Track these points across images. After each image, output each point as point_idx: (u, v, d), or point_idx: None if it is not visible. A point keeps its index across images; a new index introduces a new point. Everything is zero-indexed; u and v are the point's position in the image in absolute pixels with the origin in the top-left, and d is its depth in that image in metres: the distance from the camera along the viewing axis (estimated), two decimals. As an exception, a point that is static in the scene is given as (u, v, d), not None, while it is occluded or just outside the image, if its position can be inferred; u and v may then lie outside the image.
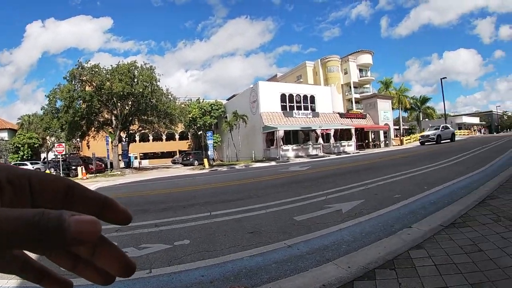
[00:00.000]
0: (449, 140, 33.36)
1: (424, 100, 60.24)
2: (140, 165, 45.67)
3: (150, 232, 5.75)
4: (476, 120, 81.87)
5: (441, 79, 51.42)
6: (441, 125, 35.46)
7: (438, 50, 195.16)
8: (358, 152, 33.80)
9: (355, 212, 6.01)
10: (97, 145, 36.73)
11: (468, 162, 12.86)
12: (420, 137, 36.19)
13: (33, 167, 36.47)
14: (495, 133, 69.72)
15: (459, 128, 67.35)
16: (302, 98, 38.38)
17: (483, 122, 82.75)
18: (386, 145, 42.49)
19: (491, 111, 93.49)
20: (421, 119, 61.66)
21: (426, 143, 32.83)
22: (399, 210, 5.93)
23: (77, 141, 47.50)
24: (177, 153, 55.32)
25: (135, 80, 29.82)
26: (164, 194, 11.43)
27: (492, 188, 6.64)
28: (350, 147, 37.65)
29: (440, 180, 8.78)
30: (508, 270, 3.04)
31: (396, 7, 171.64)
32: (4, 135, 48.51)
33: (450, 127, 36.18)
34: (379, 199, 7.02)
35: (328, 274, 3.33)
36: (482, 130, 71.35)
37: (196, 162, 37.58)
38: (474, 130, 66.81)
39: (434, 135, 32.74)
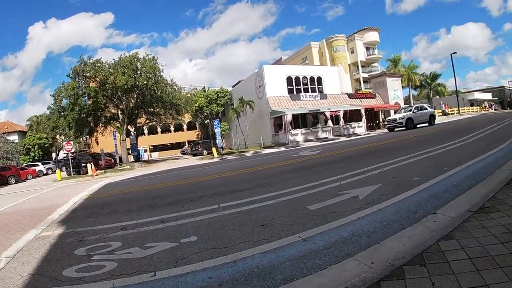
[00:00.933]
0: (426, 124, 28.23)
1: (435, 76, 58.83)
2: (150, 158, 45.73)
3: (156, 229, 5.45)
4: (488, 96, 79.56)
5: (451, 54, 50.06)
6: (415, 105, 30.88)
7: (446, 25, 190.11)
8: (369, 133, 33.21)
9: (373, 198, 5.63)
10: (106, 141, 36.81)
11: (488, 138, 12.33)
12: (386, 122, 31.97)
13: (44, 167, 36.85)
14: (508, 109, 67.80)
15: (471, 105, 65.89)
16: (309, 80, 37.67)
17: (495, 98, 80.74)
18: (397, 124, 41.72)
19: (503, 86, 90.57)
20: (431, 96, 60.41)
21: (395, 129, 27.93)
22: (420, 194, 5.53)
23: (86, 138, 47.66)
24: (186, 144, 55.18)
25: (138, 72, 29.44)
26: (172, 187, 11.16)
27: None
28: (360, 128, 36.99)
29: (460, 159, 8.33)
30: (557, 262, 2.67)
31: None
32: (14, 137, 49.14)
33: (428, 107, 30.72)
34: (397, 182, 6.62)
35: (350, 273, 2.98)
36: (494, 106, 69.29)
37: (205, 152, 37.34)
38: (485, 107, 64.62)
39: (402, 118, 27.53)
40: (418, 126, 27.35)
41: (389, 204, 5.17)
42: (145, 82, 28.97)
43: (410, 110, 28.44)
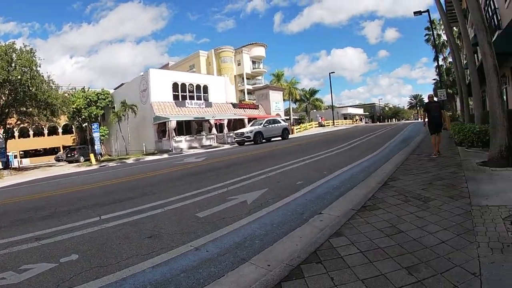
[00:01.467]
0: (279, 138, 27.59)
1: (313, 92, 64.23)
2: (21, 165, 39.98)
3: (30, 248, 4.55)
4: (360, 111, 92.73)
5: (329, 73, 56.29)
6: (266, 119, 28.96)
7: (327, 47, 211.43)
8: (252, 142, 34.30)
9: (261, 202, 5.67)
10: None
11: (363, 146, 13.66)
12: (234, 136, 29.42)
13: None
14: (378, 122, 79.90)
15: (345, 118, 74.62)
16: (195, 87, 37.48)
17: (367, 113, 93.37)
18: (277, 134, 44.14)
19: (374, 103, 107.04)
20: (309, 110, 65.58)
21: (245, 143, 26.32)
22: (305, 197, 5.76)
23: None
24: (61, 149, 49.69)
25: (13, 64, 25.50)
26: (47, 198, 9.68)
27: (391, 171, 6.91)
28: (243, 137, 38.09)
29: (337, 165, 9.04)
30: (436, 248, 2.94)
31: (290, 4, 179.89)
32: None
33: (281, 121, 29.92)
34: (282, 186, 6.81)
35: (248, 278, 2.86)
36: (364, 120, 79.53)
37: (82, 158, 34.19)
38: (356, 120, 73.37)
39: (250, 132, 26.06)
40: (272, 139, 27.10)
41: (277, 207, 5.25)
42: (19, 77, 25.16)
43: (261, 124, 27.25)
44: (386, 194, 4.99)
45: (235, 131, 30.46)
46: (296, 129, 46.44)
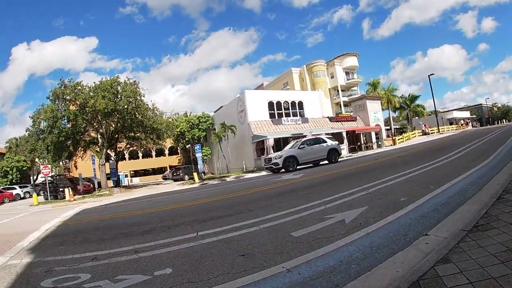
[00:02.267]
0: (326, 162, 22.58)
1: (413, 98, 60.31)
2: (131, 183, 44.77)
3: (128, 260, 5.04)
4: (466, 114, 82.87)
5: (429, 75, 51.81)
6: (304, 139, 23.88)
7: (422, 48, 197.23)
8: (351, 155, 33.29)
9: (360, 221, 5.40)
10: (85, 165, 35.92)
11: (471, 155, 12.42)
12: (264, 163, 24.09)
13: (22, 191, 35.70)
14: (488, 125, 70.25)
15: (450, 123, 67.70)
16: (290, 104, 37.96)
17: (474, 116, 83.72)
18: (378, 146, 42.12)
19: (481, 104, 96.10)
20: (411, 117, 61.69)
21: (275, 171, 21.84)
22: (409, 215, 5.35)
23: (66, 162, 46.47)
24: (168, 169, 54.40)
25: (119, 96, 29.08)
26: (149, 214, 10.67)
27: (506, 181, 6.12)
28: (342, 150, 37.06)
29: (445, 177, 8.26)
30: None
31: (376, 8, 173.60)
32: (-7, 159, 47.44)
33: (327, 140, 23.62)
34: (383, 204, 6.43)
35: (342, 306, 2.71)
36: (471, 123, 71.06)
37: (186, 177, 36.80)
38: (462, 124, 66.17)
39: (279, 157, 21.56)
40: (314, 164, 22.47)
41: (377, 227, 4.95)
42: (125, 106, 28.60)
43: (297, 146, 22.53)
44: (502, 210, 4.39)
45: (266, 156, 26.76)
46: (398, 139, 43.85)
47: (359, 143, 43.21)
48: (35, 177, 49.68)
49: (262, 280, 3.59)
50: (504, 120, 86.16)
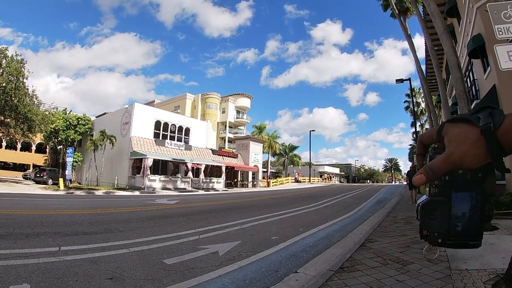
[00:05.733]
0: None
1: (292, 148, 65.34)
2: (-14, 176, 38.17)
3: None
4: (337, 170, 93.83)
5: (310, 131, 57.18)
6: None
7: (309, 105, 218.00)
8: (227, 190, 33.89)
9: (234, 254, 5.38)
10: None
11: (338, 205, 13.61)
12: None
13: None
14: (353, 183, 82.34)
15: (321, 176, 75.71)
16: (177, 128, 37.38)
17: (343, 173, 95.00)
18: (254, 185, 43.79)
19: (350, 163, 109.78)
20: (287, 164, 66.09)
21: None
22: (280, 253, 5.51)
23: None
24: (31, 167, 47.94)
25: (1, 70, 25.05)
26: (5, 215, 9.09)
27: (368, 232, 6.80)
28: (219, 184, 37.56)
29: (313, 222, 8.89)
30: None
31: (279, 60, 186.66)
32: None
33: None
34: (256, 240, 6.54)
35: None
36: (337, 179, 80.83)
37: (50, 181, 32.92)
38: (331, 178, 74.02)
39: None
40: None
41: (250, 261, 4.98)
42: (4, 84, 24.63)
43: None
44: (364, 256, 4.84)
45: None
46: (273, 182, 46.40)
47: (236, 180, 44.33)
48: None
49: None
50: (368, 180, 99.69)
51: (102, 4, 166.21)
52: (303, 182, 56.40)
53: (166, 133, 36.14)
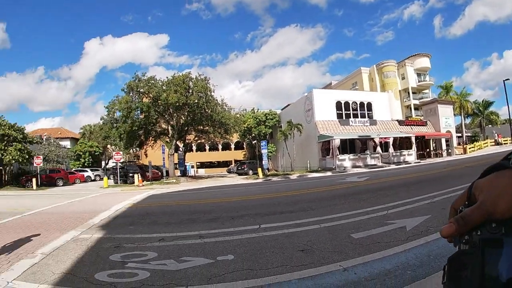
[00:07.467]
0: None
1: (487, 104, 54.79)
2: (196, 174, 46.55)
3: (193, 243, 5.38)
4: None
5: (503, 80, 46.47)
6: None
7: (498, 49, 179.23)
8: (419, 162, 31.72)
9: (421, 229, 5.24)
10: (155, 154, 37.91)
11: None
12: None
13: (93, 174, 38.82)
14: None
15: None
16: (358, 105, 36.91)
17: None
18: (448, 154, 39.45)
19: None
20: (484, 125, 56.77)
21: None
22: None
23: (136, 150, 49.44)
24: (233, 163, 55.76)
25: (190, 91, 30.43)
26: (214, 203, 11.13)
27: None
28: (410, 156, 35.39)
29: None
30: None
31: (447, 3, 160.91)
32: (67, 143, 52.19)
33: None
34: (447, 214, 6.11)
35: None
36: None
37: (250, 172, 37.40)
38: None
39: None
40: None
41: (438, 237, 4.72)
42: (196, 101, 29.81)
43: None
44: None
45: None
46: (469, 148, 40.71)
47: (428, 150, 40.94)
48: (106, 162, 53.45)
49: (318, 275, 3.67)
50: None
51: (255, 8, 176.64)
52: (504, 144, 47.03)
53: (348, 112, 36.22)
